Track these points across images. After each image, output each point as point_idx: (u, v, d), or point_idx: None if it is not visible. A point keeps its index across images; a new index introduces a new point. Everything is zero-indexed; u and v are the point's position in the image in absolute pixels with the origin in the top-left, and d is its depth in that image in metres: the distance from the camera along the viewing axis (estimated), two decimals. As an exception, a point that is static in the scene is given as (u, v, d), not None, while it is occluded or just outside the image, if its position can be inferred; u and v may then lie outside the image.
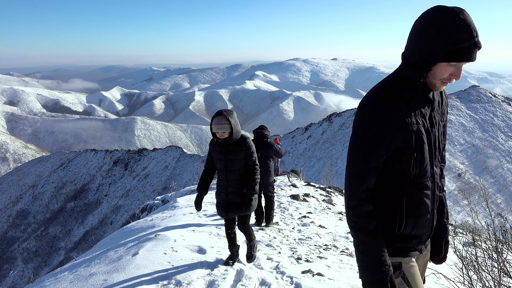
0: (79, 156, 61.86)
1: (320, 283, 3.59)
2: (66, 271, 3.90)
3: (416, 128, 1.61)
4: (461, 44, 1.44)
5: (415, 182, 1.66)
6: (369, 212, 1.64)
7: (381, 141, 1.60)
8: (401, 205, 1.67)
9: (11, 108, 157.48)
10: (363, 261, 1.64)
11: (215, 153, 3.69)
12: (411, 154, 1.62)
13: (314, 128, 48.49)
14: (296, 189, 11.14)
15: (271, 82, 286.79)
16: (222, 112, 3.53)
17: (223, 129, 3.47)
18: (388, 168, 1.68)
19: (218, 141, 3.58)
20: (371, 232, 1.62)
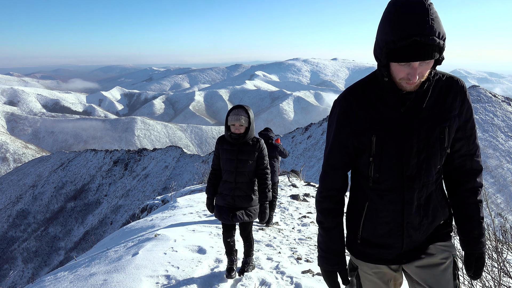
0: (79, 156, 61.86)
1: (320, 283, 3.59)
2: (66, 271, 3.90)
3: (376, 131, 1.50)
4: (397, 43, 1.30)
5: (374, 187, 1.58)
6: (328, 209, 1.65)
7: (339, 138, 1.58)
8: (363, 208, 1.63)
9: (11, 108, 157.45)
10: (318, 250, 1.72)
11: (223, 152, 3.35)
12: (368, 157, 1.55)
13: (314, 128, 48.49)
14: (296, 189, 11.14)
15: (271, 82, 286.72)
16: (242, 105, 3.30)
17: (241, 122, 3.19)
18: (355, 167, 1.65)
19: (231, 136, 3.25)
20: (327, 228, 1.66)
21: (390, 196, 1.56)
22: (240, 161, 3.29)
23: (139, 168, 56.48)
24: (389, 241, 1.61)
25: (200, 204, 7.64)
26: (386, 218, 1.58)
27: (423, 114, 1.51)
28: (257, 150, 3.34)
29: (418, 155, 1.52)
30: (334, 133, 1.60)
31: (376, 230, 1.61)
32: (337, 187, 1.66)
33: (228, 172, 3.33)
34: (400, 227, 1.57)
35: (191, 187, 13.18)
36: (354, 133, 1.54)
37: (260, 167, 3.39)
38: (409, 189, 1.53)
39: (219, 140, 3.41)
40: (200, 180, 15.85)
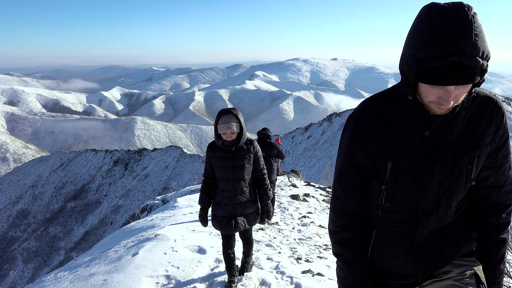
0: (79, 156, 61.85)
1: (320, 283, 3.59)
2: (66, 271, 3.90)
3: (393, 156, 1.30)
4: (431, 62, 1.07)
5: (384, 217, 1.40)
6: (347, 239, 1.46)
7: (352, 158, 1.39)
8: (370, 235, 1.47)
9: (11, 108, 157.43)
10: (339, 286, 1.54)
11: (217, 160, 3.13)
12: (380, 184, 1.36)
13: (314, 128, 48.48)
14: (296, 189, 11.14)
15: (271, 82, 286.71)
16: (230, 110, 3.04)
17: (233, 129, 2.98)
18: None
19: (224, 144, 3.05)
20: (347, 261, 1.46)
21: (401, 228, 1.38)
22: (237, 168, 3.12)
23: (139, 168, 56.47)
24: (402, 272, 1.44)
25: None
26: (395, 251, 1.41)
27: (450, 140, 1.28)
28: (252, 153, 3.19)
29: (438, 187, 1.31)
30: (346, 152, 1.41)
31: (386, 261, 1.45)
32: (354, 213, 1.45)
33: (225, 180, 3.13)
34: (411, 261, 1.40)
35: (191, 187, 13.18)
36: (368, 156, 1.35)
37: (257, 169, 3.25)
38: (424, 224, 1.35)
39: (210, 148, 3.18)
40: (200, 180, 15.85)
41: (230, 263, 3.36)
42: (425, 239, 1.38)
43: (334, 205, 1.49)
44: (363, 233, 1.48)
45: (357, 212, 1.45)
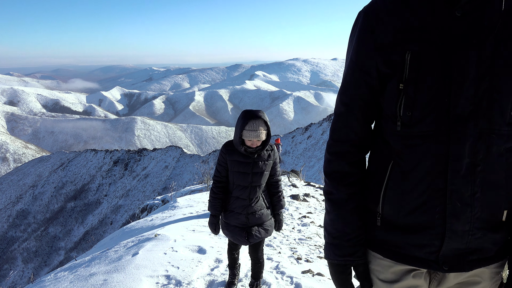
0: (79, 156, 61.86)
1: (320, 283, 3.59)
2: (66, 271, 3.90)
3: (412, 44, 1.00)
4: None
5: (403, 133, 1.05)
6: (340, 173, 1.17)
7: (358, 61, 1.10)
8: (385, 169, 1.11)
9: (11, 108, 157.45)
10: (324, 234, 1.22)
11: (234, 164, 2.82)
12: (397, 84, 1.03)
13: (314, 128, 48.47)
14: (296, 189, 11.14)
15: (271, 82, 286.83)
16: (259, 115, 2.68)
17: (261, 137, 2.68)
18: (379, 112, 1.15)
19: (246, 150, 2.74)
20: (337, 201, 1.17)
21: (427, 147, 1.02)
22: (256, 175, 2.83)
23: (139, 168, 56.48)
24: (423, 221, 1.05)
25: (200, 204, 7.64)
26: (419, 182, 1.04)
27: (492, 21, 0.96)
28: (272, 159, 2.93)
29: (476, 84, 0.97)
30: (352, 54, 1.12)
31: (404, 202, 1.07)
32: (354, 138, 1.15)
33: (241, 187, 2.85)
34: (440, 198, 1.02)
35: (191, 187, 13.20)
36: (379, 50, 1.05)
37: (274, 176, 3.00)
38: (458, 136, 0.99)
39: (228, 150, 2.85)
40: (200, 180, 15.86)
41: (233, 262, 3.27)
42: (467, 169, 1.00)
43: (332, 125, 1.21)
44: (362, 171, 1.19)
45: (357, 137, 1.16)
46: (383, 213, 1.12)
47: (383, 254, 1.13)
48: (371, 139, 1.18)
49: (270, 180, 3.00)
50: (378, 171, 1.14)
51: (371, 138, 1.18)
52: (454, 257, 1.05)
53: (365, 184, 1.19)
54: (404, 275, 1.11)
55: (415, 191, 1.05)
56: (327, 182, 1.20)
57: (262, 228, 2.94)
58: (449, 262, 1.05)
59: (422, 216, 1.04)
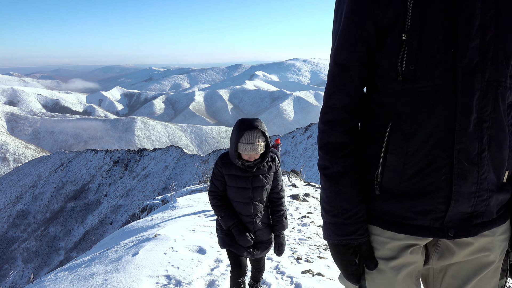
0: (79, 156, 61.84)
1: (320, 283, 3.59)
2: (66, 271, 3.90)
3: None
4: None
5: (405, 89, 0.96)
6: (335, 144, 1.07)
7: (352, 15, 1.00)
8: (383, 132, 1.02)
9: (11, 108, 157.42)
10: (322, 213, 1.13)
11: (232, 179, 2.55)
12: (399, 35, 0.94)
13: (314, 128, 48.44)
14: (296, 189, 11.14)
15: (271, 82, 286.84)
16: (255, 125, 2.39)
17: (259, 150, 2.40)
18: (372, 72, 1.05)
19: (244, 164, 2.48)
20: (334, 175, 1.06)
21: (433, 103, 0.93)
22: (257, 189, 2.57)
23: (139, 168, 56.47)
24: (427, 185, 0.97)
25: (200, 204, 7.64)
26: (425, 142, 0.95)
27: None
28: (273, 171, 2.66)
29: (482, 32, 0.90)
30: (346, 10, 1.01)
31: (407, 166, 0.98)
32: (349, 103, 1.06)
33: (242, 204, 2.59)
34: (446, 158, 0.94)
35: (191, 187, 13.20)
36: (377, 2, 0.95)
37: (275, 190, 2.69)
38: (466, 89, 0.91)
39: (224, 163, 2.56)
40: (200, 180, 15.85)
41: None
42: (475, 124, 0.92)
43: (326, 90, 1.11)
44: (357, 140, 1.09)
45: (352, 102, 1.06)
46: (382, 181, 1.03)
47: (383, 227, 1.04)
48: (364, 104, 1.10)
49: (271, 195, 2.69)
50: (374, 136, 1.05)
51: (364, 103, 1.09)
52: (460, 221, 0.97)
53: (360, 153, 1.10)
54: (402, 251, 1.03)
55: (420, 152, 0.96)
56: (321, 155, 1.10)
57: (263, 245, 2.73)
58: (454, 227, 0.97)
59: (427, 179, 0.96)
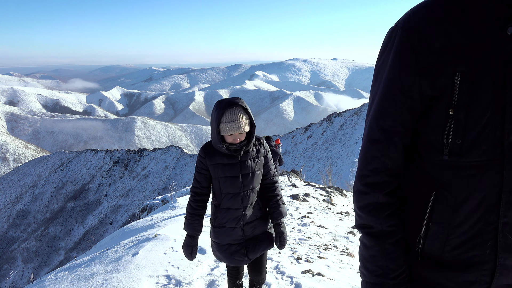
0: (79, 156, 61.84)
1: (320, 283, 3.58)
2: (66, 271, 3.90)
3: (462, 65, 0.91)
4: None
5: (451, 162, 0.97)
6: (378, 205, 1.05)
7: (397, 83, 1.00)
8: (426, 200, 1.02)
9: (11, 108, 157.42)
10: (362, 272, 1.10)
11: (218, 168, 2.30)
12: (446, 109, 0.95)
13: (314, 128, 48.46)
14: (296, 189, 11.14)
15: (271, 82, 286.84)
16: (235, 101, 2.19)
17: (243, 128, 2.17)
18: (415, 139, 1.06)
19: (229, 148, 2.24)
20: (376, 234, 1.05)
21: (480, 177, 0.93)
22: (246, 177, 2.31)
23: (139, 168, 56.47)
24: (472, 257, 0.97)
25: (200, 204, 7.64)
26: (470, 215, 0.96)
27: None
28: (263, 155, 2.41)
29: None
30: (390, 75, 1.01)
31: (451, 236, 0.98)
32: (391, 167, 1.04)
33: (231, 196, 2.32)
34: (491, 231, 0.95)
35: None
36: (424, 71, 0.95)
37: (267, 176, 2.44)
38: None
39: (207, 153, 2.31)
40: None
41: None
42: None
43: (365, 153, 1.08)
44: (399, 200, 1.09)
45: (395, 166, 1.05)
46: (424, 248, 1.03)
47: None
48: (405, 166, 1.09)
49: (263, 182, 2.45)
50: (416, 201, 1.05)
51: (405, 165, 1.08)
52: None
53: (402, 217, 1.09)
54: None
55: (464, 225, 0.96)
56: (363, 215, 1.08)
57: (261, 240, 2.42)
58: None
59: (472, 251, 0.96)
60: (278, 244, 2.39)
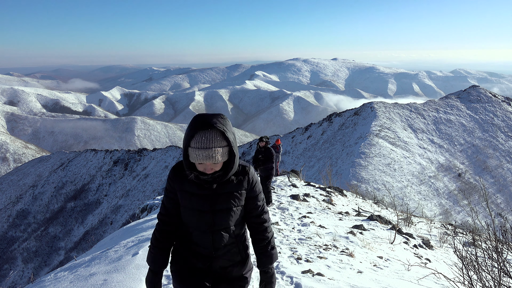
0: (79, 156, 61.84)
1: (320, 283, 3.58)
2: (66, 271, 3.90)
3: None
4: None
5: None
6: None
7: None
8: None
9: (11, 108, 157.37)
10: None
11: (186, 197, 1.88)
12: None
13: (314, 128, 48.44)
14: (296, 189, 11.13)
15: (271, 82, 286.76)
16: (212, 122, 1.72)
17: (216, 159, 1.72)
18: None
19: (199, 178, 1.81)
20: None
21: None
22: (219, 214, 1.87)
23: (139, 168, 56.46)
24: None
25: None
26: None
27: None
28: (245, 188, 1.93)
29: None
30: None
31: None
32: None
33: (198, 233, 1.90)
34: None
35: (191, 187, 13.16)
36: None
37: (253, 213, 1.98)
38: None
39: (176, 177, 1.91)
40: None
41: None
42: None
43: None
44: None
45: None
46: None
47: None
48: None
49: (250, 220, 2.00)
50: None
51: None
52: None
53: None
54: None
55: None
56: None
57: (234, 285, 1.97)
58: None
59: None
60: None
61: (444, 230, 8.47)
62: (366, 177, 31.04)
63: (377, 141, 37.16)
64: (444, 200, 32.12)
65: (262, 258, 1.99)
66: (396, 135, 39.51)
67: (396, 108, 45.37)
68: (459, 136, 42.66)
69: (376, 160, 33.98)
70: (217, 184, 1.85)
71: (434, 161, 38.08)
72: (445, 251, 6.70)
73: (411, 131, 41.74)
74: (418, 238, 7.12)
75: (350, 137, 40.77)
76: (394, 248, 5.86)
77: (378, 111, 43.64)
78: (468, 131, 43.28)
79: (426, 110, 45.64)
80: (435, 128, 43.00)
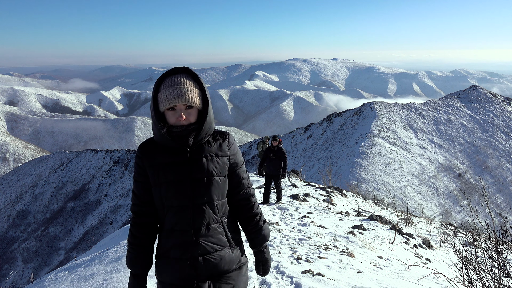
0: (79, 156, 61.83)
1: (320, 283, 3.58)
2: (66, 271, 3.90)
3: None
4: None
5: None
6: None
7: None
8: None
9: (11, 108, 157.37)
10: None
11: (159, 171, 1.63)
12: None
13: (314, 128, 48.44)
14: (296, 189, 11.14)
15: (271, 82, 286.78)
16: (184, 68, 1.64)
17: (189, 98, 1.55)
18: None
19: (171, 133, 1.60)
20: None
21: None
22: (198, 182, 1.62)
23: (139, 168, 56.50)
24: None
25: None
26: None
27: None
28: (227, 154, 1.71)
29: None
30: None
31: None
32: None
33: (176, 210, 1.62)
34: None
35: (191, 187, 13.15)
36: None
37: (238, 187, 1.77)
38: None
39: (145, 152, 1.68)
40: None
41: None
42: None
43: None
44: None
45: None
46: None
47: None
48: None
49: (237, 197, 1.77)
50: None
51: None
52: None
53: None
54: None
55: None
56: None
57: (224, 283, 1.66)
58: None
59: None
60: (261, 272, 1.84)
61: (444, 230, 8.47)
62: (366, 177, 31.05)
63: (377, 141, 37.17)
64: (444, 200, 32.13)
65: (257, 236, 1.80)
66: (396, 135, 39.52)
67: (396, 108, 45.37)
68: (459, 136, 42.67)
69: (376, 160, 33.98)
70: (194, 147, 1.63)
71: (434, 161, 38.09)
72: (445, 251, 6.71)
73: (411, 131, 41.74)
74: (418, 238, 7.12)
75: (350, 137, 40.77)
76: (394, 248, 5.86)
77: (378, 111, 43.64)
78: (468, 131, 43.29)
79: (426, 110, 45.64)
80: (435, 128, 43.00)
